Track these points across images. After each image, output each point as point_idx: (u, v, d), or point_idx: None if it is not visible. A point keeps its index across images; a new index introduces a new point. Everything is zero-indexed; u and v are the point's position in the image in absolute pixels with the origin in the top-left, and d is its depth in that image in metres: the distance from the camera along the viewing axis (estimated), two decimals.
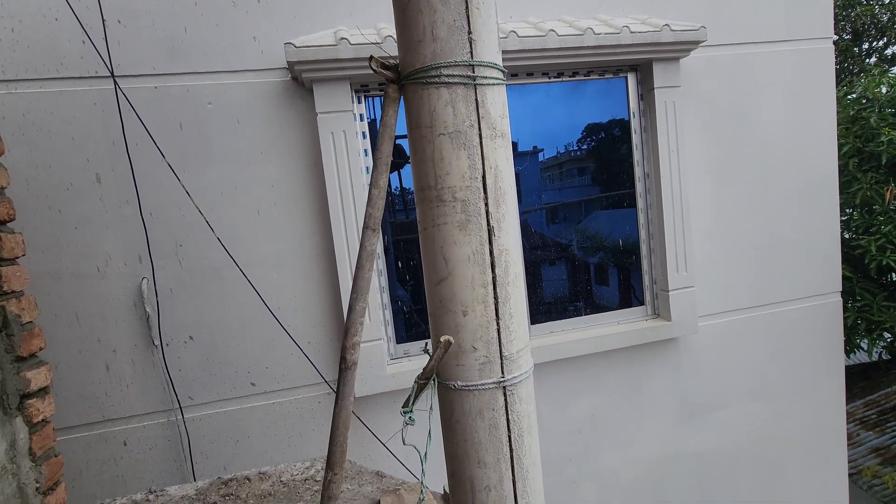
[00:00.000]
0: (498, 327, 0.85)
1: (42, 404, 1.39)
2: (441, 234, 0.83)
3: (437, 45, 0.79)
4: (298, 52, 2.08)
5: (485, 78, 0.80)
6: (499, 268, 0.84)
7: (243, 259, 2.29)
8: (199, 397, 2.31)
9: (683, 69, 2.68)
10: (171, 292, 2.27)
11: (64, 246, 2.16)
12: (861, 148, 3.66)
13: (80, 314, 2.19)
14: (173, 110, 2.22)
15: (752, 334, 2.99)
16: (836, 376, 3.20)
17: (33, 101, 2.10)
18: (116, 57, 2.14)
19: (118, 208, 2.20)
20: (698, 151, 2.81)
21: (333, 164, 2.28)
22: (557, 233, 2.81)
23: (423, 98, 0.81)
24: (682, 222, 2.69)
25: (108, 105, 2.16)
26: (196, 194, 2.24)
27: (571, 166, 2.82)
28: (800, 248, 3.01)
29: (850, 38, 8.22)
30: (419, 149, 0.84)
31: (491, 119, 0.82)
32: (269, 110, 2.32)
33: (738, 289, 2.94)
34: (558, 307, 2.76)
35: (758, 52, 2.87)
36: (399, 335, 2.54)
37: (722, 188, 2.86)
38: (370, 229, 0.84)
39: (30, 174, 2.11)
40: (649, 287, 2.81)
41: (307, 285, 2.40)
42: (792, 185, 2.97)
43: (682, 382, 2.91)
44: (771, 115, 2.91)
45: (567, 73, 2.58)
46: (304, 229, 2.38)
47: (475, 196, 0.82)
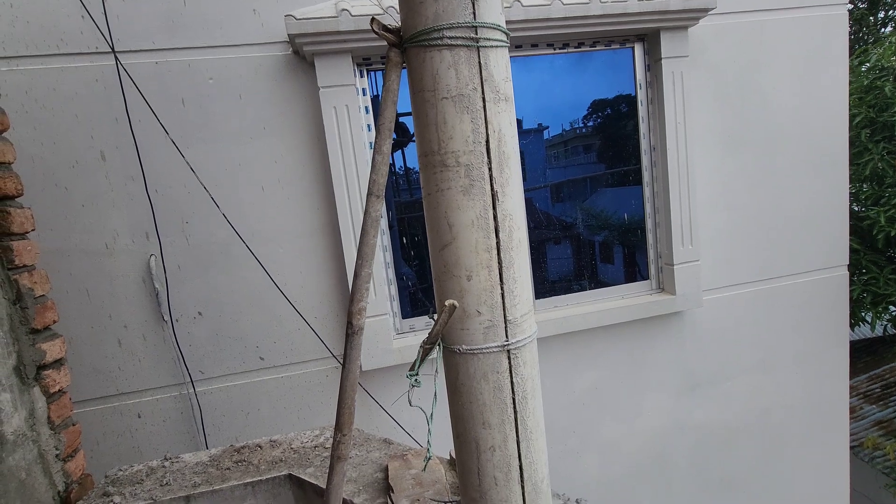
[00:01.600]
0: (502, 291, 0.86)
1: (58, 375, 1.43)
2: (445, 198, 0.83)
3: (440, 6, 0.78)
4: (299, 25, 2.05)
5: (488, 40, 0.79)
6: (503, 232, 0.85)
7: (249, 235, 2.31)
8: (209, 371, 2.36)
9: (691, 38, 2.62)
10: (178, 269, 2.30)
11: (72, 223, 2.18)
12: (874, 118, 3.59)
13: (91, 290, 2.23)
14: (175, 86, 2.21)
15: (756, 308, 2.99)
16: (840, 349, 3.21)
17: (35, 78, 2.09)
18: (116, 32, 2.12)
19: (124, 185, 2.21)
20: (706, 123, 2.76)
21: (336, 139, 2.27)
22: (563, 210, 2.80)
23: (426, 61, 0.80)
24: (688, 195, 2.67)
25: (109, 81, 2.15)
26: (200, 171, 2.24)
27: (577, 143, 2.80)
28: (807, 220, 2.98)
29: (866, 7, 7.97)
30: (422, 113, 0.83)
31: (494, 82, 0.81)
32: (270, 85, 2.30)
33: (743, 262, 2.93)
34: (563, 283, 2.77)
35: (769, 20, 2.79)
36: (405, 310, 2.57)
37: (729, 160, 2.83)
38: (374, 196, 0.84)
39: (35, 152, 2.12)
40: (654, 261, 2.81)
41: (312, 260, 2.42)
42: (801, 156, 2.92)
43: (685, 356, 2.93)
44: (781, 86, 2.85)
45: (572, 44, 2.53)
46: (308, 205, 2.39)
47: (479, 160, 0.82)
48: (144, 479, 1.45)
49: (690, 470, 3.05)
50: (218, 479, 1.40)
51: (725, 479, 3.11)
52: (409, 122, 2.55)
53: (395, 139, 2.51)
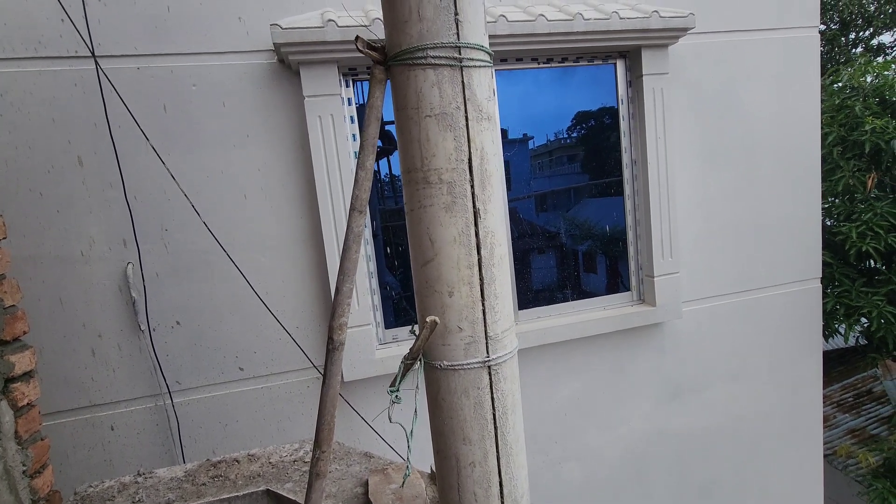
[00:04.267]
0: (483, 308, 0.87)
1: (27, 388, 1.39)
2: (427, 215, 0.84)
3: (424, 26, 0.79)
4: (285, 34, 2.05)
5: (471, 60, 0.81)
6: (484, 249, 0.85)
7: (230, 243, 2.28)
8: (186, 382, 2.31)
9: (672, 56, 2.69)
10: (157, 276, 2.25)
11: (46, 229, 2.12)
12: (845, 136, 3.72)
13: (64, 299, 2.17)
14: (157, 92, 2.18)
15: (734, 319, 3.05)
16: (814, 359, 3.29)
17: (11, 81, 2.04)
18: (97, 36, 2.09)
19: (101, 191, 2.17)
20: (685, 138, 2.83)
21: (321, 149, 2.26)
22: (546, 220, 2.83)
23: (410, 79, 0.81)
24: (668, 209, 2.72)
25: (89, 86, 2.11)
26: (181, 178, 2.21)
27: (560, 154, 2.83)
28: (782, 234, 3.07)
29: (838, 28, 8.27)
30: (405, 130, 0.84)
31: (477, 101, 0.82)
32: (255, 93, 2.29)
33: (721, 274, 2.99)
34: (546, 293, 2.79)
35: (745, 40, 2.88)
36: (387, 320, 2.56)
37: (708, 174, 2.90)
38: (357, 211, 0.84)
39: (9, 155, 2.07)
40: (635, 273, 2.86)
41: (295, 269, 2.40)
42: (776, 172, 3.01)
43: (665, 365, 2.97)
44: (757, 103, 2.94)
45: (556, 59, 2.57)
46: (291, 213, 2.37)
47: (461, 178, 0.83)
48: (116, 496, 1.41)
49: (670, 477, 3.08)
50: (193, 496, 1.37)
51: (704, 486, 3.15)
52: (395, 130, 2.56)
53: (380, 147, 2.50)
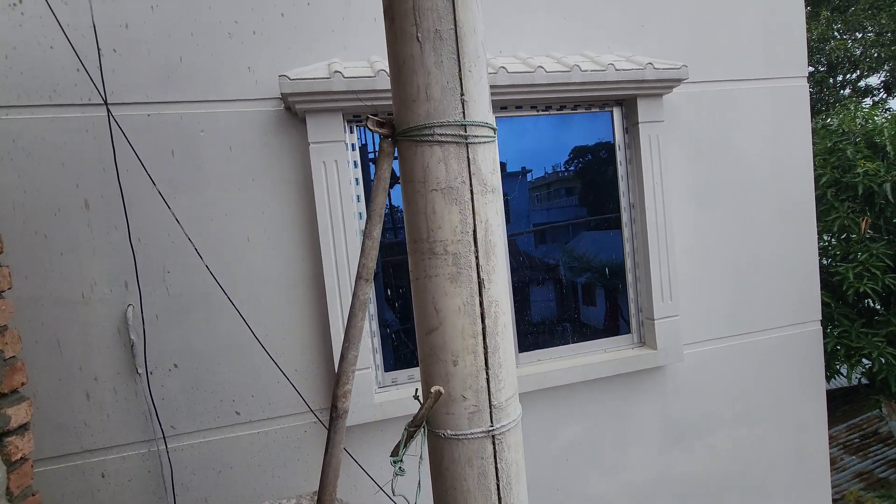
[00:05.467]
0: (487, 377, 0.87)
1: (21, 441, 1.36)
2: (433, 285, 0.85)
3: (431, 105, 0.82)
4: (293, 85, 2.12)
5: (476, 137, 0.84)
6: (488, 318, 0.86)
7: (231, 285, 2.29)
8: (181, 427, 2.27)
9: (666, 104, 2.78)
10: (156, 318, 2.25)
11: (49, 271, 2.13)
12: (838, 178, 3.79)
13: (63, 341, 2.16)
14: (166, 137, 2.23)
15: (735, 362, 3.03)
16: (818, 402, 3.25)
17: (24, 127, 2.09)
18: (111, 84, 2.16)
19: (106, 234, 2.19)
20: (682, 182, 2.89)
21: (324, 193, 2.29)
22: (545, 259, 2.85)
23: (417, 154, 0.84)
24: (666, 252, 2.74)
25: (99, 131, 2.16)
26: (186, 220, 2.24)
27: (558, 188, 2.87)
28: (780, 276, 3.09)
29: (826, 70, 8.55)
30: (412, 202, 0.86)
31: (482, 175, 0.85)
32: (261, 138, 2.34)
33: (721, 317, 3.00)
34: (546, 335, 2.78)
35: (736, 89, 2.98)
36: (387, 363, 2.54)
37: (704, 217, 2.94)
38: (364, 279, 0.86)
39: (17, 199, 2.09)
40: (635, 315, 2.86)
41: (295, 312, 2.39)
42: (771, 214, 3.06)
43: (668, 410, 2.93)
44: (750, 147, 3.01)
45: (555, 107, 2.65)
46: (293, 255, 2.39)
47: (466, 249, 0.84)
48: None
49: None
50: None
51: None
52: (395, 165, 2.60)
53: None
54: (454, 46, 0.81)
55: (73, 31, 2.10)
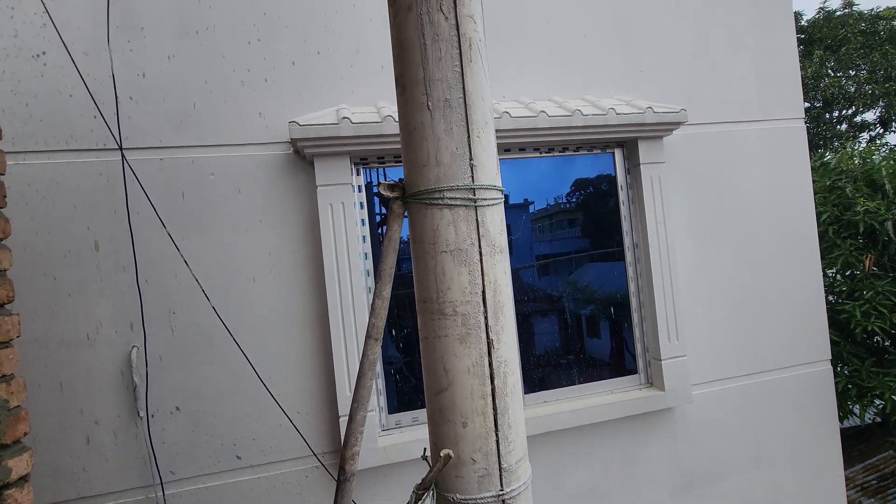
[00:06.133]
0: (497, 438, 0.86)
1: (21, 494, 1.34)
2: (442, 345, 0.86)
3: (441, 170, 0.85)
4: (302, 130, 2.18)
5: (485, 199, 0.86)
6: (498, 379, 0.86)
7: (236, 325, 2.28)
8: (181, 472, 2.23)
9: (667, 145, 2.83)
10: (160, 360, 2.24)
11: (55, 313, 2.14)
12: (839, 216, 3.82)
13: (65, 383, 2.14)
14: (177, 180, 2.28)
15: (745, 403, 2.98)
16: (832, 444, 3.17)
17: (40, 171, 2.15)
18: (126, 130, 2.22)
19: (114, 275, 2.21)
20: (685, 222, 2.91)
21: (331, 234, 2.32)
22: (549, 293, 2.84)
23: (427, 217, 0.86)
24: (671, 291, 2.74)
25: (113, 175, 2.21)
26: (193, 261, 2.26)
27: (562, 227, 2.89)
28: (787, 315, 3.07)
29: (822, 106, 8.72)
30: (422, 262, 0.88)
31: (490, 237, 0.87)
32: (269, 181, 2.39)
33: (728, 356, 2.96)
34: (551, 375, 2.75)
35: (735, 130, 3.04)
36: (391, 404, 2.50)
37: (708, 257, 2.95)
38: (373, 339, 0.86)
39: (28, 241, 2.13)
40: (641, 355, 2.83)
41: (299, 353, 2.38)
42: (775, 253, 3.07)
43: (678, 453, 2.86)
44: (752, 187, 3.05)
45: (557, 149, 2.71)
46: (298, 296, 2.39)
47: (475, 310, 0.85)
48: None
49: None
50: None
51: None
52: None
53: (384, 214, 2.58)
54: (463, 114, 0.85)
55: (93, 80, 2.19)
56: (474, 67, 0.86)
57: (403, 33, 0.87)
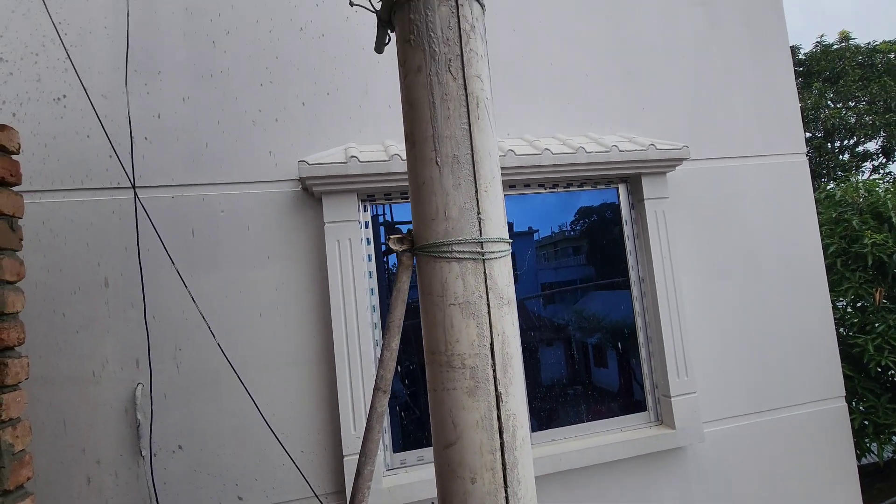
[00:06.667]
0: (506, 494, 0.84)
1: None
2: (450, 398, 0.85)
3: (449, 224, 0.86)
4: (311, 169, 2.22)
5: (492, 252, 0.87)
6: (506, 433, 0.85)
7: (241, 362, 2.28)
8: None
9: (670, 180, 2.86)
10: (164, 398, 2.22)
11: (62, 350, 2.15)
12: (846, 248, 3.80)
13: (68, 421, 2.13)
14: (187, 217, 2.32)
15: (759, 441, 2.90)
16: (850, 483, 3.06)
17: (54, 209, 2.19)
18: (139, 169, 2.28)
19: (122, 311, 2.22)
20: (690, 256, 2.91)
21: (338, 270, 2.34)
22: (556, 326, 2.82)
23: (435, 270, 0.87)
24: (679, 326, 2.72)
25: (125, 212, 2.26)
26: (201, 297, 2.27)
27: (567, 258, 2.89)
28: (797, 350, 3.02)
29: (823, 137, 8.79)
30: (430, 314, 0.88)
31: (498, 289, 0.88)
32: (278, 217, 2.42)
33: (740, 393, 2.90)
34: (559, 412, 2.70)
35: (738, 165, 3.08)
36: (395, 443, 2.46)
37: (715, 291, 2.93)
38: (381, 391, 0.86)
39: (40, 278, 2.15)
40: (650, 391, 2.78)
41: (304, 390, 2.36)
42: (783, 287, 3.04)
43: (691, 494, 2.77)
44: (756, 222, 3.06)
45: (562, 185, 2.74)
46: (305, 332, 2.39)
47: (483, 363, 0.85)
48: None
49: None
50: None
51: None
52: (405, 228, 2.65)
53: None
54: (471, 169, 0.87)
55: (110, 121, 2.26)
56: (482, 125, 0.89)
57: (413, 92, 0.90)
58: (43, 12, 2.24)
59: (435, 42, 0.88)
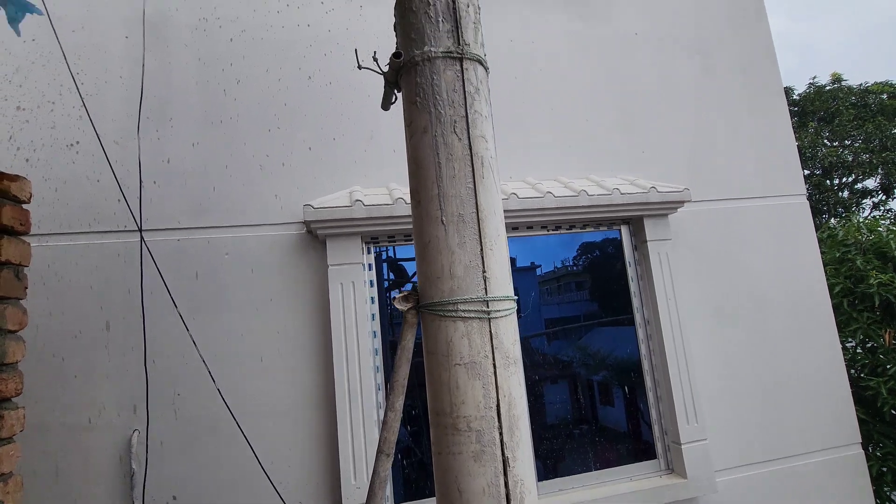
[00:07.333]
0: None
1: None
2: (456, 463, 0.83)
3: (455, 283, 0.86)
4: (316, 213, 2.25)
5: (498, 311, 0.86)
6: (514, 501, 0.82)
7: (240, 408, 2.23)
8: None
9: (673, 222, 2.87)
10: (160, 445, 2.17)
11: (59, 396, 2.11)
12: (852, 288, 3.77)
13: (62, 470, 2.07)
14: (192, 260, 2.33)
15: (774, 492, 2.79)
16: None
17: (61, 253, 2.21)
18: (147, 212, 2.31)
19: (122, 356, 2.20)
20: (695, 298, 2.89)
21: (340, 314, 2.32)
22: (561, 363, 2.77)
23: (441, 329, 0.86)
24: (686, 370, 2.66)
25: (130, 255, 2.27)
26: (202, 341, 2.25)
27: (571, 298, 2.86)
28: (809, 394, 2.94)
29: (821, 174, 8.89)
30: (435, 374, 0.87)
31: (504, 348, 0.86)
32: (282, 260, 2.43)
33: (752, 440, 2.81)
34: (566, 459, 2.61)
35: (739, 206, 3.10)
36: (397, 493, 2.37)
37: (721, 334, 2.89)
38: (384, 454, 0.84)
39: (41, 322, 2.15)
40: (660, 438, 2.70)
41: (304, 436, 2.30)
42: (790, 330, 3.00)
43: None
44: (760, 263, 3.05)
45: (564, 227, 2.76)
46: (305, 377, 2.35)
47: (490, 426, 0.83)
48: None
49: None
50: None
51: None
52: (407, 265, 2.64)
53: (392, 280, 2.57)
54: (476, 228, 0.87)
55: (120, 166, 2.31)
56: (486, 184, 0.90)
57: (419, 152, 0.92)
58: (62, 62, 2.32)
59: (440, 104, 0.90)
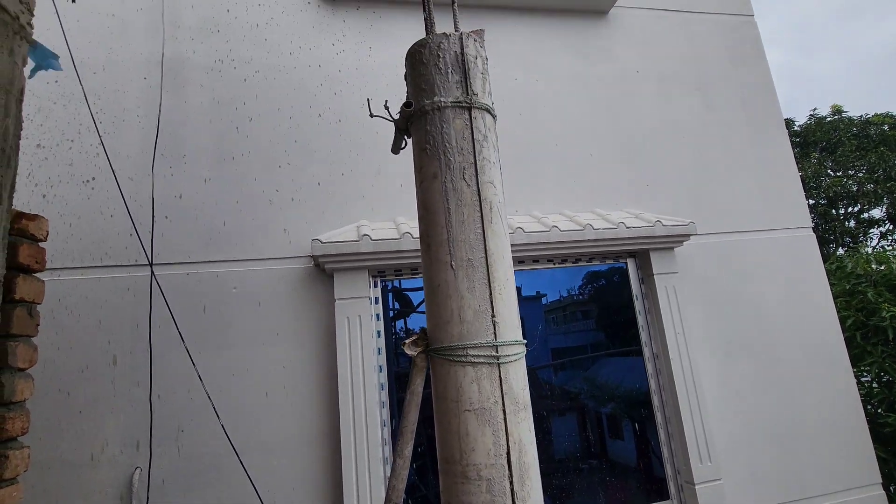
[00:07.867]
0: None
1: None
2: None
3: (464, 327, 0.86)
4: (324, 247, 2.27)
5: (507, 356, 0.86)
6: None
7: (244, 443, 2.20)
8: None
9: (679, 255, 2.87)
10: (162, 483, 2.13)
11: (63, 431, 2.10)
12: (864, 321, 3.71)
13: None
14: (200, 294, 2.35)
15: None
16: None
17: (72, 287, 2.23)
18: (157, 247, 2.34)
19: (127, 391, 2.19)
20: (704, 332, 2.85)
21: (346, 348, 2.31)
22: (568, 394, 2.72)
23: (450, 374, 0.86)
24: (698, 406, 2.61)
25: (139, 289, 2.29)
26: (208, 376, 2.24)
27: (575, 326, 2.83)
28: (824, 430, 2.86)
29: (826, 204, 8.90)
30: (444, 420, 0.86)
31: (514, 394, 0.86)
32: (289, 293, 2.44)
33: (768, 480, 2.72)
34: (575, 499, 2.53)
35: (746, 240, 3.10)
36: None
37: (732, 369, 2.84)
38: (392, 503, 0.82)
39: (49, 356, 2.15)
40: (673, 478, 2.62)
41: (307, 471, 2.26)
42: (802, 364, 2.95)
43: None
44: (768, 296, 3.02)
45: (570, 260, 2.76)
46: (310, 411, 2.33)
47: (500, 474, 0.82)
48: None
49: None
50: None
51: None
52: (413, 295, 2.63)
53: (397, 310, 2.56)
54: (485, 272, 0.88)
55: (133, 202, 2.36)
56: (495, 228, 0.91)
57: (429, 197, 0.94)
58: (82, 103, 2.41)
59: (450, 152, 0.93)
